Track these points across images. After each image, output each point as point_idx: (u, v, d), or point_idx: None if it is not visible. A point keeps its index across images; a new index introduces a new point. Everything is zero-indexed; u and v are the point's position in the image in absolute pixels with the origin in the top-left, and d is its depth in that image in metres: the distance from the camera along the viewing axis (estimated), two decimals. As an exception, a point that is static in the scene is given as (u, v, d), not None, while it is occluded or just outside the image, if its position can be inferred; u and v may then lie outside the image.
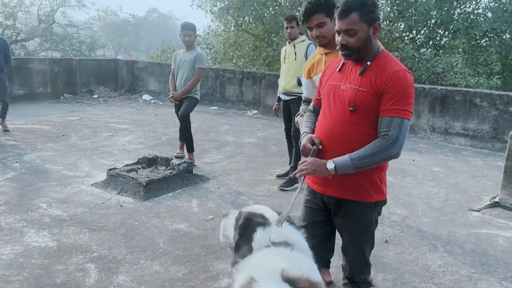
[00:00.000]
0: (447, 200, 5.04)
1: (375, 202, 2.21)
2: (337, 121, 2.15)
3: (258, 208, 1.86)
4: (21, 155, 6.04)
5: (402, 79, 2.02)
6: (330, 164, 2.03)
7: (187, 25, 5.86)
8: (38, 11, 23.66)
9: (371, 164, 2.02)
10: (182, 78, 5.84)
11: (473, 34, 11.94)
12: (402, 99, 2.00)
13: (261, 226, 1.75)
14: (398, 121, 1.99)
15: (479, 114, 7.82)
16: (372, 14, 2.04)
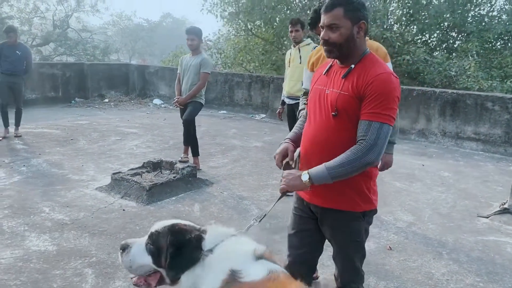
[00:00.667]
0: (455, 206, 4.93)
1: (363, 212, 2.11)
2: (321, 127, 2.08)
3: (168, 222, 1.74)
4: (28, 159, 6.10)
5: (385, 82, 1.92)
6: (305, 176, 1.95)
7: (190, 30, 5.89)
8: (53, 16, 24.05)
9: (349, 172, 1.91)
10: (187, 83, 5.85)
11: (487, 37, 11.75)
12: (383, 103, 1.90)
13: (196, 231, 1.68)
14: (376, 126, 1.89)
15: (491, 118, 7.67)
16: (358, 12, 1.97)
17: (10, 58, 7.34)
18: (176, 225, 1.70)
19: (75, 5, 24.49)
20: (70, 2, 24.20)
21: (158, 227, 1.72)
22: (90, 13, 26.06)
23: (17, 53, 7.37)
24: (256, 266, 1.56)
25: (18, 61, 7.42)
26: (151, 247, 1.69)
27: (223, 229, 1.72)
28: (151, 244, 1.69)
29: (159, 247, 1.67)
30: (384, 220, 4.41)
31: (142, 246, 1.71)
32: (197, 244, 1.63)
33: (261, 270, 1.55)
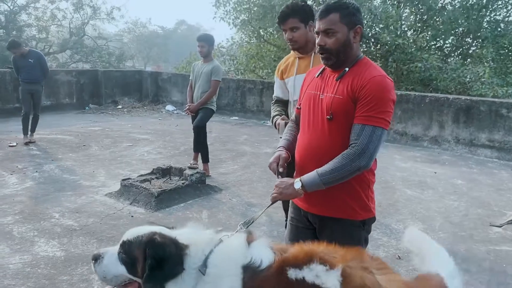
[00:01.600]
0: (467, 214, 4.84)
1: (362, 220, 2.08)
2: (316, 133, 2.06)
3: (141, 230, 1.69)
4: (41, 164, 6.19)
5: (379, 84, 1.89)
6: (297, 184, 1.93)
7: (201, 37, 5.95)
8: (70, 24, 24.47)
9: (341, 177, 1.89)
10: (198, 90, 5.89)
11: (503, 43, 11.59)
12: (377, 106, 1.87)
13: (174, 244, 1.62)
14: (369, 130, 1.87)
15: (505, 125, 7.53)
16: (353, 17, 1.96)
17: (25, 67, 7.53)
18: (154, 237, 1.61)
19: (91, 13, 24.89)
20: (86, 10, 24.62)
21: (130, 236, 1.66)
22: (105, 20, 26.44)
23: (29, 61, 7.52)
24: (258, 250, 1.60)
25: (33, 69, 7.57)
26: (123, 256, 1.64)
27: (204, 238, 1.69)
28: (123, 253, 1.64)
29: (133, 257, 1.63)
30: (394, 228, 4.35)
31: (115, 256, 1.67)
32: (178, 260, 1.58)
33: (266, 250, 1.61)
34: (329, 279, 1.46)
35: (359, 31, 1.99)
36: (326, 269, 1.48)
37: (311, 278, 1.48)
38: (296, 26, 2.92)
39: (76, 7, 23.97)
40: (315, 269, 1.49)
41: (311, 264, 1.50)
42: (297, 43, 2.97)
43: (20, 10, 22.21)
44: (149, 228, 1.69)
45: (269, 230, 4.23)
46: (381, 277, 1.51)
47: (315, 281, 1.47)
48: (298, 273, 1.50)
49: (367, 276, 1.48)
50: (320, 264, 1.50)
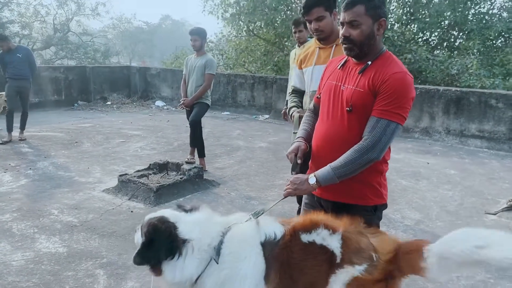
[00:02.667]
0: (462, 203, 4.93)
1: (374, 206, 2.12)
2: (335, 123, 2.09)
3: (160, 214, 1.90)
4: (34, 162, 6.11)
5: (400, 80, 1.93)
6: (312, 179, 1.98)
7: (193, 30, 5.93)
8: (54, 20, 24.08)
9: (354, 170, 1.94)
10: (193, 85, 5.87)
11: (488, 35, 11.78)
12: (395, 101, 1.91)
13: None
14: (384, 123, 1.91)
15: (495, 115, 7.68)
16: (378, 10, 1.98)
17: (13, 62, 7.37)
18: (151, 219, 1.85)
19: (76, 9, 24.55)
20: (71, 6, 24.28)
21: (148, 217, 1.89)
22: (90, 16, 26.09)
23: (18, 56, 7.39)
24: (268, 226, 1.84)
25: (21, 64, 7.44)
26: (142, 232, 1.87)
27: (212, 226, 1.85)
28: (142, 229, 1.88)
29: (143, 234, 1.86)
30: (392, 218, 4.41)
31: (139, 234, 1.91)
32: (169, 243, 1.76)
33: (275, 224, 1.86)
34: (333, 241, 1.75)
35: (383, 24, 2.02)
36: (329, 233, 1.77)
37: (319, 240, 1.76)
38: (322, 15, 2.83)
39: (60, 3, 23.63)
40: (321, 233, 1.77)
41: (317, 229, 1.78)
42: (323, 32, 2.89)
43: (2, 6, 21.78)
44: (163, 213, 1.89)
45: (270, 222, 4.24)
46: (374, 239, 1.79)
47: (322, 243, 1.76)
48: (309, 236, 1.78)
49: (361, 239, 1.77)
50: (325, 229, 1.78)
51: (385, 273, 1.72)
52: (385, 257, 1.73)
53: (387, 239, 1.82)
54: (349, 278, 1.70)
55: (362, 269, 1.70)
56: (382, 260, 1.72)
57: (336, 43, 2.97)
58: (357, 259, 1.71)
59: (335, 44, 2.96)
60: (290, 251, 1.77)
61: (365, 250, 1.74)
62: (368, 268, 1.70)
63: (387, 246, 1.77)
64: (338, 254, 1.73)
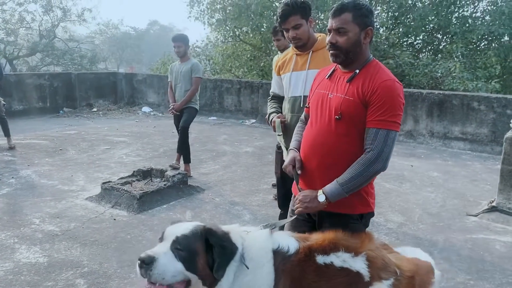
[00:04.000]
0: (445, 205, 4.98)
1: (360, 214, 2.15)
2: (322, 131, 2.11)
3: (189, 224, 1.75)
4: (17, 170, 6.05)
5: (390, 89, 1.96)
6: (321, 197, 1.99)
7: (176, 37, 5.96)
8: (39, 26, 23.86)
9: (361, 183, 1.97)
10: (181, 90, 5.89)
11: (471, 38, 11.93)
12: (388, 110, 1.94)
13: None
14: (384, 134, 1.95)
15: (477, 118, 7.78)
16: (366, 18, 2.02)
17: None
18: (207, 226, 1.72)
19: (61, 15, 24.34)
20: (56, 12, 24.07)
21: (183, 232, 1.66)
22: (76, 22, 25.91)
23: None
24: (282, 238, 1.80)
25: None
26: (181, 253, 1.61)
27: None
28: (180, 249, 1.61)
29: (193, 251, 1.62)
30: (375, 221, 4.43)
31: (170, 254, 1.62)
32: (233, 242, 1.70)
33: (290, 239, 1.81)
34: (357, 264, 1.74)
35: (370, 33, 2.06)
36: (351, 255, 1.76)
37: (339, 263, 1.75)
38: (299, 23, 2.87)
39: (46, 9, 23.41)
40: (341, 256, 1.76)
41: (337, 252, 1.76)
42: (301, 40, 2.93)
43: (-14, 13, 21.55)
44: (190, 223, 1.74)
45: (253, 228, 4.25)
46: (390, 255, 1.84)
47: (343, 265, 1.74)
48: (326, 258, 1.75)
49: (384, 255, 1.80)
50: (346, 252, 1.76)
51: None
52: (407, 274, 1.79)
53: (403, 257, 1.90)
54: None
55: (389, 283, 1.74)
56: (404, 276, 1.78)
57: (313, 50, 3.00)
58: (384, 275, 1.75)
59: (311, 50, 3.00)
60: (303, 270, 1.74)
61: (390, 265, 1.78)
62: (395, 282, 1.75)
63: (406, 264, 1.84)
64: (366, 274, 1.74)
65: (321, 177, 2.10)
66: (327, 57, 2.89)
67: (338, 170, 2.03)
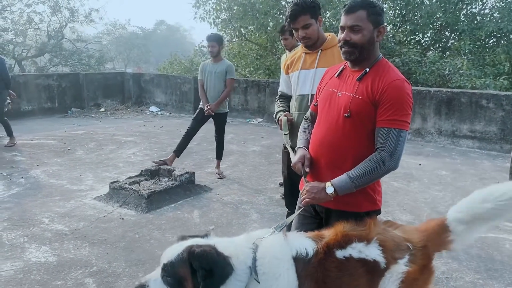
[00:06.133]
0: (453, 204, 4.86)
1: (366, 212, 2.14)
2: (330, 128, 2.13)
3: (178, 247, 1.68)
4: (26, 170, 6.10)
5: (399, 88, 1.97)
6: (329, 189, 2.00)
7: (210, 37, 5.93)
8: (48, 27, 24.05)
9: (371, 180, 1.99)
10: (215, 90, 5.88)
11: (479, 35, 11.83)
12: (399, 110, 1.95)
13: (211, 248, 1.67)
14: (395, 133, 1.95)
15: (486, 116, 7.72)
16: (379, 17, 2.03)
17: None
18: (192, 249, 1.63)
19: (69, 16, 24.51)
20: (64, 13, 24.24)
21: (170, 257, 1.64)
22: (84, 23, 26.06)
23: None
24: (298, 242, 1.78)
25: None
26: (168, 279, 1.62)
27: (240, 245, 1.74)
28: (167, 276, 1.62)
29: (179, 277, 1.61)
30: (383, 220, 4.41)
31: (159, 281, 1.64)
32: (225, 263, 1.62)
33: (306, 240, 1.80)
34: (371, 251, 1.77)
35: (383, 31, 2.07)
36: (364, 244, 1.78)
37: (356, 254, 1.76)
38: (309, 23, 2.87)
39: (54, 10, 23.59)
40: (356, 246, 1.77)
41: (352, 243, 1.78)
42: (310, 39, 2.93)
43: (-5, 15, 21.75)
44: (184, 244, 1.68)
45: (261, 227, 4.26)
46: (397, 231, 1.87)
47: (360, 256, 1.76)
48: (345, 252, 1.76)
49: (392, 235, 1.83)
50: (359, 242, 1.78)
51: (426, 258, 1.82)
52: (419, 244, 1.82)
53: (410, 228, 1.93)
54: (400, 276, 1.75)
55: (405, 261, 1.77)
56: (417, 247, 1.81)
57: (322, 48, 3.00)
58: (398, 254, 1.78)
59: (321, 49, 2.99)
60: (325, 269, 1.73)
61: (400, 243, 1.81)
62: (410, 258, 1.78)
63: (414, 234, 1.86)
64: (382, 260, 1.76)
65: (329, 175, 2.09)
66: (336, 55, 2.90)
67: (346, 169, 2.03)
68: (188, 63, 17.67)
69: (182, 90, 12.43)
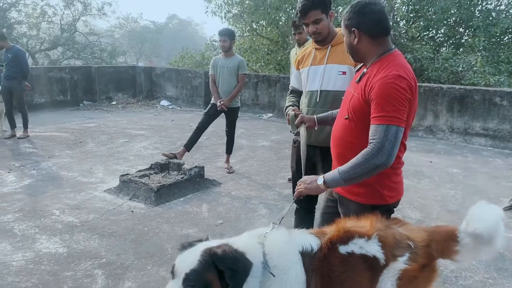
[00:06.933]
0: (464, 202, 4.90)
1: (371, 205, 2.14)
2: (338, 125, 2.24)
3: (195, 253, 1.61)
4: (38, 162, 6.18)
5: (387, 85, 1.94)
6: (320, 180, 2.06)
7: (223, 31, 5.92)
8: (61, 20, 24.27)
9: (360, 174, 1.96)
10: (227, 85, 5.87)
11: (494, 32, 11.64)
12: (386, 105, 1.93)
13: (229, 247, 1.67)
14: (383, 128, 1.92)
15: (499, 114, 7.61)
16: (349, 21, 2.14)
17: (4, 62, 7.60)
18: (213, 251, 1.59)
19: (82, 9, 24.70)
20: (77, 6, 24.43)
21: (190, 266, 1.55)
22: (97, 16, 26.27)
23: (8, 56, 7.54)
24: (303, 238, 1.80)
25: (9, 64, 7.59)
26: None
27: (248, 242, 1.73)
28: (192, 285, 1.53)
29: (207, 283, 1.55)
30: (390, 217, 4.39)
31: None
32: (245, 258, 1.62)
33: (310, 237, 1.82)
34: (371, 247, 1.78)
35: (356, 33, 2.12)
36: (365, 240, 1.80)
37: (358, 250, 1.78)
38: (319, 18, 2.83)
39: (67, 3, 23.79)
40: (358, 242, 1.79)
41: (353, 239, 1.79)
42: (321, 34, 2.89)
43: (10, 7, 21.97)
44: (196, 250, 1.63)
45: (268, 222, 4.25)
46: (401, 229, 1.87)
47: (361, 252, 1.78)
48: (347, 247, 1.79)
49: (394, 232, 1.83)
50: (360, 238, 1.80)
51: (427, 257, 1.81)
52: (421, 244, 1.82)
53: (414, 228, 1.93)
54: (397, 273, 1.77)
55: (405, 259, 1.78)
56: (419, 246, 1.81)
57: (331, 44, 2.96)
58: (398, 252, 1.78)
59: (330, 45, 2.96)
60: (329, 264, 1.76)
61: (401, 241, 1.81)
62: (410, 256, 1.78)
63: (418, 233, 1.86)
64: (381, 256, 1.77)
65: (337, 165, 2.18)
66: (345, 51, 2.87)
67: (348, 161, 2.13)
68: (199, 57, 17.68)
69: (193, 84, 12.45)
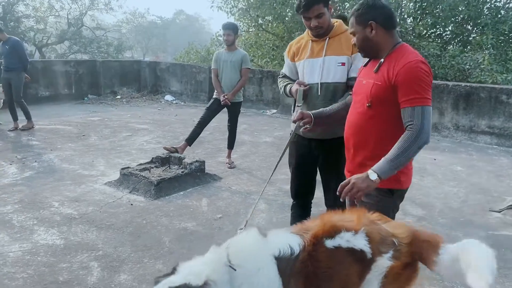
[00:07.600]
0: (467, 200, 4.84)
1: (389, 189, 2.20)
2: (357, 113, 2.28)
3: None
4: (40, 154, 6.18)
5: (412, 69, 2.04)
6: (373, 175, 2.03)
7: (227, 25, 5.88)
8: (68, 15, 24.33)
9: (408, 158, 2.04)
10: (230, 79, 5.83)
11: (502, 29, 11.49)
12: (417, 88, 2.03)
13: None
14: (419, 109, 2.02)
15: (505, 111, 7.51)
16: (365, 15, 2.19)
17: (3, 55, 7.62)
18: None
19: (89, 3, 24.76)
20: (84, 0, 24.48)
21: None
22: (104, 11, 26.31)
23: (6, 47, 7.55)
24: (281, 240, 1.75)
25: (7, 56, 7.58)
26: None
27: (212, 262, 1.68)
28: None
29: None
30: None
31: None
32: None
33: (289, 236, 1.77)
34: (359, 241, 1.76)
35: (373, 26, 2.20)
36: (352, 234, 1.78)
37: (345, 244, 1.76)
38: (322, 12, 2.79)
39: (74, -3, 23.84)
40: (344, 236, 1.77)
41: (340, 233, 1.77)
42: (323, 28, 2.85)
43: (17, 1, 22.05)
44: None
45: (268, 217, 4.24)
46: (386, 225, 1.86)
47: (348, 245, 1.76)
48: (334, 241, 1.76)
49: (379, 228, 1.83)
50: (347, 231, 1.78)
51: (410, 255, 1.80)
52: (404, 240, 1.80)
53: (398, 224, 1.92)
54: (383, 270, 1.76)
55: (389, 256, 1.77)
56: (403, 244, 1.80)
57: (329, 36, 2.91)
58: (383, 248, 1.78)
59: (328, 37, 2.91)
60: (315, 261, 1.73)
61: (387, 237, 1.81)
62: (394, 254, 1.78)
63: (401, 229, 1.85)
64: (368, 251, 1.76)
65: (356, 155, 2.30)
66: (343, 43, 2.83)
67: (369, 149, 2.22)
68: (205, 52, 17.65)
69: (197, 80, 12.43)
